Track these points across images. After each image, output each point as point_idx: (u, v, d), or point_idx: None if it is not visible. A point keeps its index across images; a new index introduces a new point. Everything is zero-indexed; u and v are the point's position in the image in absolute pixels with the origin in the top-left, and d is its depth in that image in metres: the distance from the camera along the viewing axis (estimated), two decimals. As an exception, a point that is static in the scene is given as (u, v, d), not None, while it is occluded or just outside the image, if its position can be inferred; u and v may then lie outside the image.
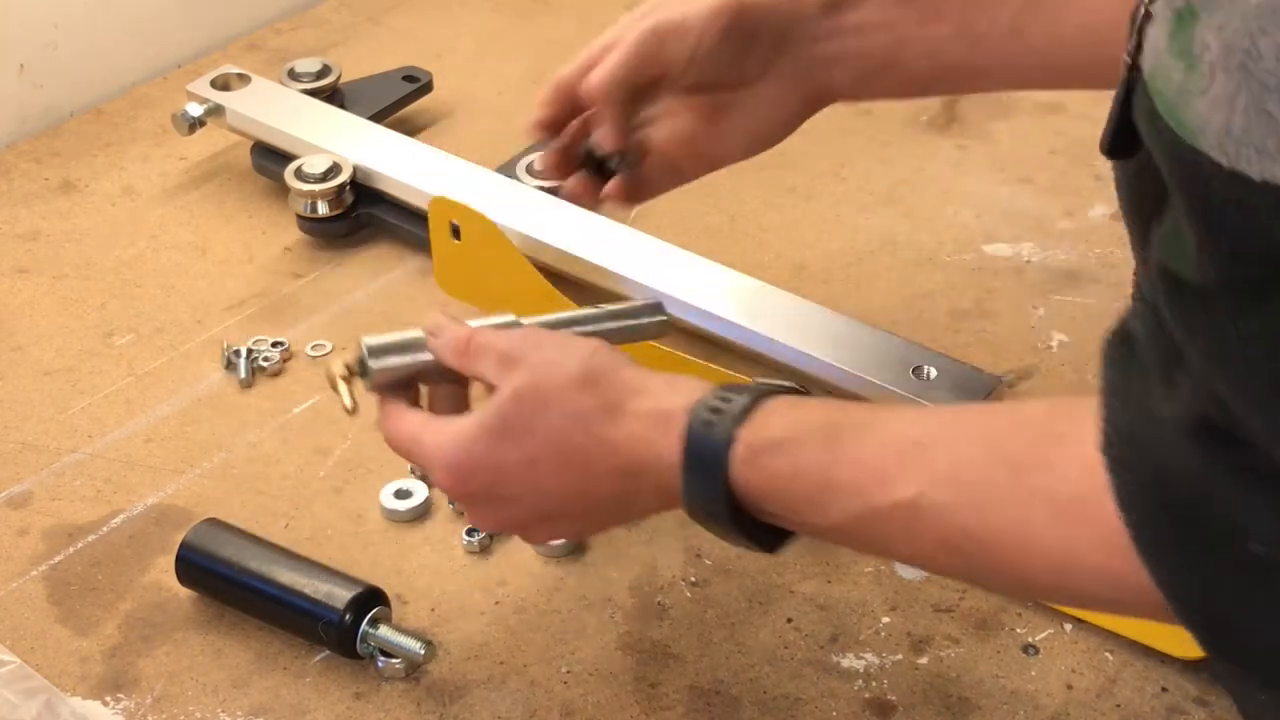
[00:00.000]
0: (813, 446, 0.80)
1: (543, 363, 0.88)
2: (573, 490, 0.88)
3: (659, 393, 0.86)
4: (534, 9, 1.69)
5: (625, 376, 0.87)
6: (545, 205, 1.30)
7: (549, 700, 0.98)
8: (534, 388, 0.87)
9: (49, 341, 1.27)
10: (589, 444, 0.86)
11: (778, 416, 0.82)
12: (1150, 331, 0.69)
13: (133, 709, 0.99)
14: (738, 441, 0.81)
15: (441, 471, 0.90)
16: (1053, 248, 1.32)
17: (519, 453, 0.87)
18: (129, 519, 1.12)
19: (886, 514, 0.77)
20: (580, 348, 0.89)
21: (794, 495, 0.81)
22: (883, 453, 0.78)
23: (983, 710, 0.97)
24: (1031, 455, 0.74)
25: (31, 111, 1.53)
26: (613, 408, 0.86)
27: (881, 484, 0.77)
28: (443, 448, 0.89)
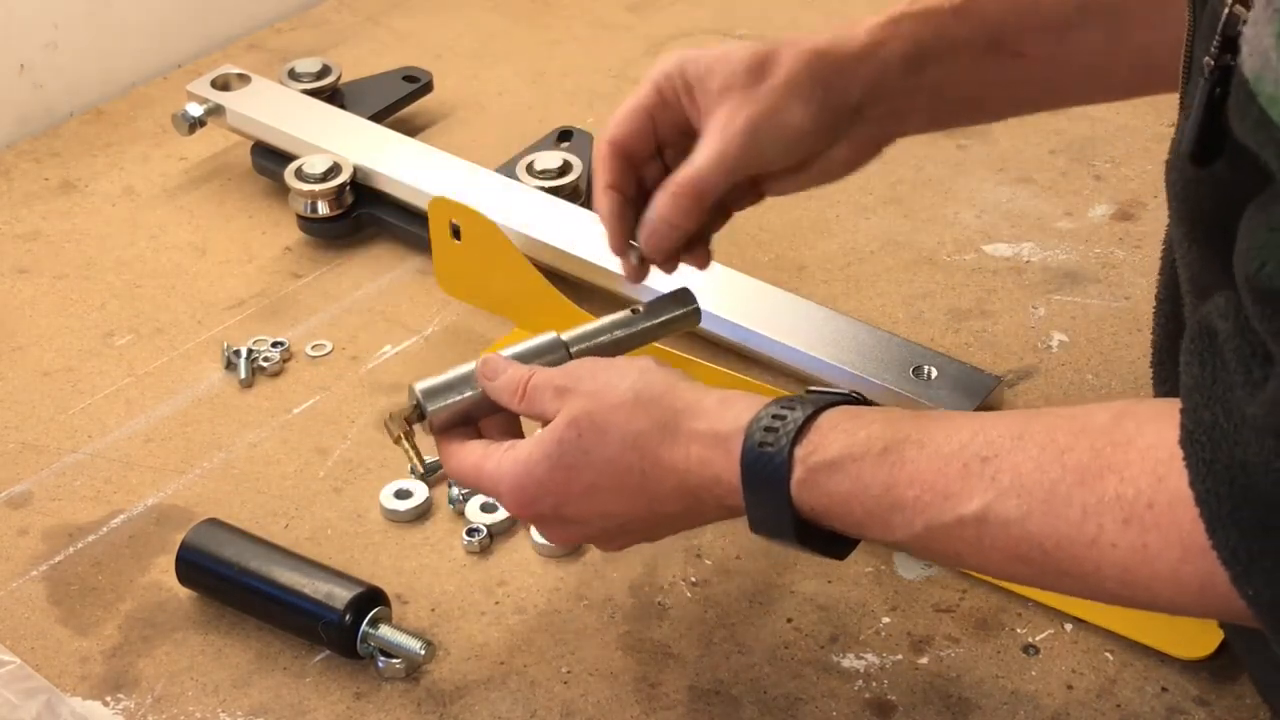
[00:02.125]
0: (872, 465, 0.80)
1: (596, 390, 0.89)
2: (637, 511, 0.90)
3: (713, 413, 0.86)
4: (534, 9, 1.69)
5: (679, 396, 0.88)
6: (545, 205, 1.30)
7: (549, 700, 0.98)
8: (589, 414, 0.88)
9: (49, 341, 1.27)
10: (646, 468, 0.88)
11: (835, 434, 0.82)
12: (1235, 328, 0.68)
13: (133, 709, 0.99)
14: (796, 463, 0.82)
15: (507, 498, 0.92)
16: (1053, 248, 1.32)
17: (580, 479, 0.89)
18: (129, 519, 1.12)
19: (953, 529, 0.77)
20: (631, 370, 0.90)
21: (857, 514, 0.81)
22: (945, 468, 0.78)
23: (983, 710, 0.97)
24: (1098, 462, 0.73)
25: (31, 111, 1.53)
26: (668, 430, 0.87)
27: (946, 499, 0.77)
28: (505, 476, 0.91)
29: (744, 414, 0.85)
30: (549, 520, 0.93)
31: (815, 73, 0.97)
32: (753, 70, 0.97)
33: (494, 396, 0.95)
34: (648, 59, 1.60)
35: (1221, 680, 0.98)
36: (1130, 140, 1.42)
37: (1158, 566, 0.71)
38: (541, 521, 0.94)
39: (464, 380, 0.97)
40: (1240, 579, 0.68)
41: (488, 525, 1.09)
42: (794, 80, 0.97)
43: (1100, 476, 0.73)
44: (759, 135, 0.97)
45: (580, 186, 1.35)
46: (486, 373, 0.96)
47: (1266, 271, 0.65)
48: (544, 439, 0.90)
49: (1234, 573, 0.68)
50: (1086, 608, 1.02)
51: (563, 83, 1.57)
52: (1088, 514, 0.73)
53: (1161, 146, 1.41)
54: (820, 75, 0.97)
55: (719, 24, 1.65)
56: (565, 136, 1.42)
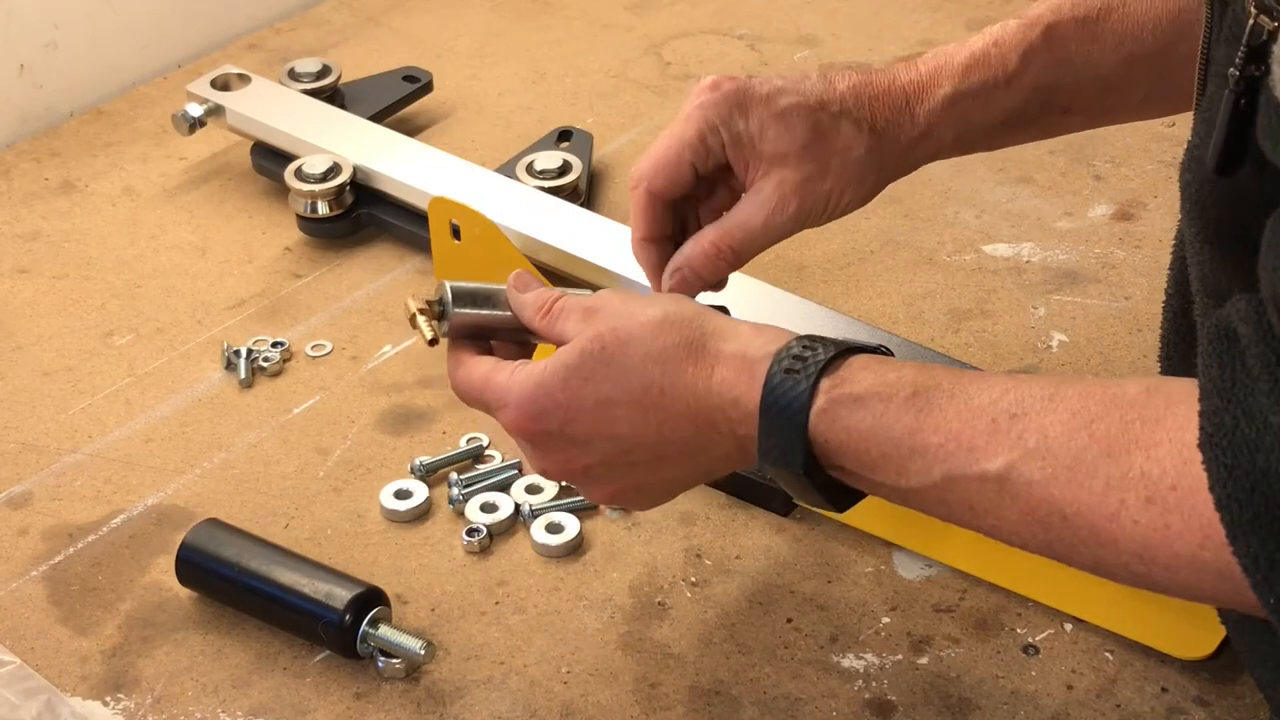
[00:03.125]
0: (899, 406, 0.79)
1: (625, 310, 0.87)
2: (646, 435, 0.86)
3: (744, 337, 0.85)
4: (534, 9, 1.69)
5: (710, 320, 0.86)
6: (545, 205, 1.30)
7: (549, 700, 0.98)
8: (614, 330, 0.86)
9: (49, 341, 1.27)
10: (666, 384, 0.85)
11: (865, 372, 0.81)
12: (1258, 333, 0.68)
13: (133, 709, 0.99)
14: (819, 393, 0.80)
15: (513, 408, 0.88)
16: (1053, 248, 1.32)
17: (595, 392, 0.86)
18: (129, 519, 1.12)
19: (972, 482, 0.76)
20: (663, 297, 0.89)
21: (873, 454, 0.80)
22: (973, 420, 0.77)
23: (983, 710, 0.97)
24: (1126, 435, 0.73)
25: (31, 111, 1.53)
26: (695, 346, 0.85)
27: (970, 452, 0.76)
28: (515, 387, 0.88)
29: (775, 341, 0.84)
30: (548, 440, 0.88)
31: (873, 154, 0.97)
32: (809, 147, 0.96)
33: (518, 310, 0.92)
34: (648, 59, 1.60)
35: (1221, 680, 0.98)
36: (1130, 140, 1.42)
37: (1178, 549, 0.71)
38: (540, 441, 0.89)
39: (493, 295, 0.94)
40: (1261, 586, 0.68)
41: (488, 525, 1.09)
42: (850, 164, 0.97)
43: (1128, 451, 0.72)
44: (809, 211, 0.97)
45: (580, 186, 1.35)
46: (517, 284, 0.93)
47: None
48: (564, 351, 0.87)
49: (1254, 580, 0.68)
50: (1086, 608, 1.02)
51: (563, 83, 1.57)
52: (1111, 486, 0.72)
53: (1161, 146, 1.42)
54: (877, 157, 0.98)
55: (719, 24, 1.65)
56: (565, 136, 1.43)
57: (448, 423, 1.18)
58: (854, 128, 0.97)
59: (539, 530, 1.08)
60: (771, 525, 1.09)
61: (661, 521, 1.10)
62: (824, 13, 1.66)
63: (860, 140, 0.97)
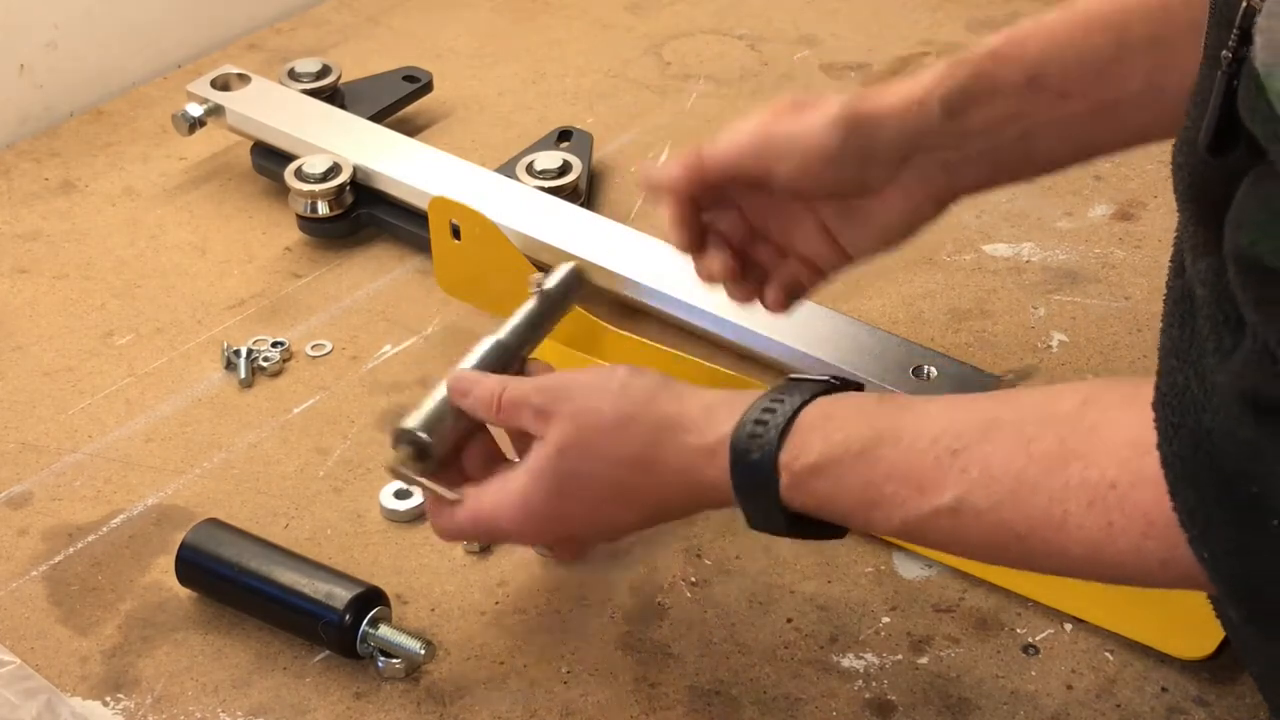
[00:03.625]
0: (850, 465, 0.83)
1: (577, 411, 0.91)
2: (645, 514, 0.93)
3: (698, 424, 0.89)
4: (534, 9, 1.69)
5: (660, 411, 0.90)
6: (545, 205, 1.30)
7: (549, 700, 0.98)
8: (575, 443, 0.91)
9: (49, 341, 1.27)
10: (643, 482, 0.91)
11: (814, 435, 0.85)
12: (1211, 294, 0.70)
13: (133, 709, 0.99)
14: (781, 469, 0.85)
15: (515, 537, 0.96)
16: (1053, 248, 1.32)
17: (580, 502, 0.92)
18: (129, 519, 1.12)
19: (928, 520, 0.81)
20: (610, 386, 0.92)
21: (840, 510, 0.85)
22: (919, 462, 0.81)
23: (983, 710, 0.97)
24: (1063, 449, 0.76)
25: (31, 111, 1.53)
26: (656, 448, 0.90)
27: (921, 493, 0.80)
28: (504, 515, 0.94)
29: (726, 421, 0.88)
30: (560, 543, 0.97)
31: (847, 107, 0.99)
32: (797, 104, 1.00)
33: (471, 412, 0.97)
34: (648, 59, 1.60)
35: (1221, 680, 0.98)
36: (1130, 140, 1.42)
37: (1121, 544, 0.74)
38: (554, 544, 0.98)
39: (444, 406, 0.98)
40: (1197, 541, 0.71)
41: (488, 525, 1.09)
42: (824, 112, 0.99)
43: (1066, 464, 0.75)
44: (772, 136, 0.99)
45: (580, 186, 1.35)
46: (457, 389, 0.98)
47: (1260, 249, 0.66)
48: (534, 470, 0.92)
49: (1191, 535, 0.71)
50: (1086, 608, 1.02)
51: (563, 83, 1.57)
52: (1054, 500, 0.76)
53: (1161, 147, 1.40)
54: (852, 110, 0.99)
55: (719, 24, 1.65)
56: (565, 136, 1.43)
57: (448, 423, 1.18)
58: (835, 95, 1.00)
59: (434, 528, 1.08)
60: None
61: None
62: (824, 13, 1.66)
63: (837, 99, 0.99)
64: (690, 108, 1.52)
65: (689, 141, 1.46)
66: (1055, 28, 0.99)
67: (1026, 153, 1.01)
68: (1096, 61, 0.98)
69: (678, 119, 1.51)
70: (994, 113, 0.99)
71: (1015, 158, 1.01)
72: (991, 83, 0.98)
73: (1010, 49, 0.99)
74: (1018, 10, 1.65)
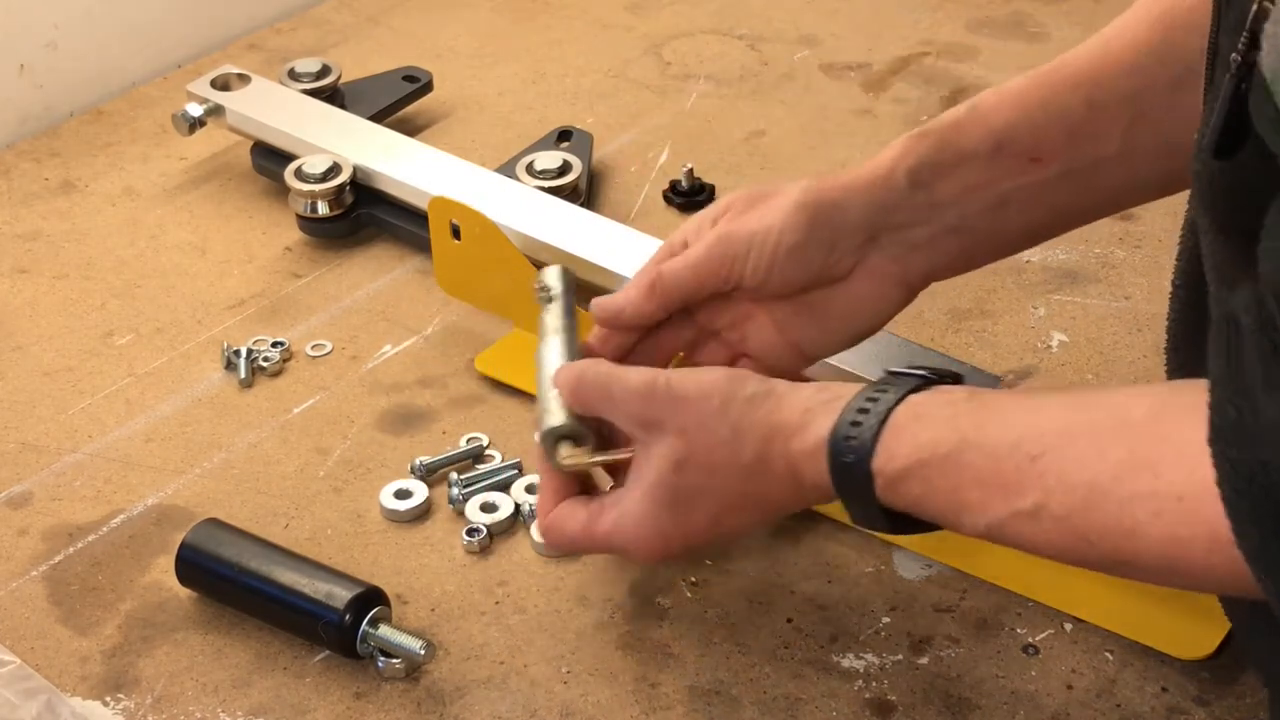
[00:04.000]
0: (938, 470, 0.84)
1: (689, 426, 0.91)
2: (762, 516, 0.95)
3: (797, 429, 0.89)
4: (534, 9, 1.69)
5: (765, 420, 0.90)
6: (545, 205, 1.30)
7: (549, 700, 0.98)
8: (691, 458, 0.92)
9: (49, 341, 1.27)
10: (757, 488, 0.91)
11: (904, 437, 0.85)
12: (1256, 323, 0.69)
13: (133, 709, 0.99)
14: (875, 473, 0.86)
15: (637, 555, 0.96)
16: (1053, 248, 1.32)
17: (699, 516, 0.93)
18: (129, 519, 1.12)
19: (1012, 523, 0.81)
20: (713, 398, 0.91)
21: (932, 513, 0.85)
22: (1000, 468, 0.81)
23: (983, 710, 0.97)
24: (1134, 458, 0.76)
25: (31, 111, 1.53)
26: (763, 456, 0.90)
27: (1005, 498, 0.81)
28: (628, 537, 0.94)
29: (824, 424, 0.88)
30: (684, 556, 1.00)
31: (808, 193, 0.99)
32: (750, 197, 1.01)
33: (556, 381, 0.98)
34: (648, 59, 1.60)
35: (1221, 680, 0.98)
36: (1130, 140, 1.42)
37: (1190, 555, 0.74)
38: (679, 559, 1.00)
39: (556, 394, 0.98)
40: (1264, 578, 0.70)
41: (488, 525, 1.09)
42: (783, 197, 0.99)
43: (1136, 472, 0.75)
44: (734, 240, 0.99)
45: (580, 186, 1.35)
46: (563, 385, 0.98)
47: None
48: (651, 489, 0.93)
49: (1256, 571, 0.70)
50: (1086, 608, 1.02)
51: (563, 83, 1.57)
52: (1124, 508, 0.76)
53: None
54: (814, 195, 0.98)
55: (719, 24, 1.65)
56: (565, 136, 1.43)
57: (448, 423, 1.18)
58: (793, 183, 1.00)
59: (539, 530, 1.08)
60: (771, 525, 1.09)
61: (661, 521, 1.10)
62: (824, 13, 1.66)
63: (798, 184, 0.99)
64: (690, 108, 1.52)
65: (689, 141, 1.47)
66: (1024, 90, 0.98)
67: (999, 224, 0.99)
68: (1067, 122, 0.96)
69: (678, 119, 1.51)
70: (962, 182, 0.97)
71: (987, 230, 0.99)
72: (958, 151, 0.97)
73: (976, 116, 0.98)
74: (1018, 10, 1.65)
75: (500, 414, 1.19)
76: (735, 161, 1.44)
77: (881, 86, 1.54)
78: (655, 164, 1.45)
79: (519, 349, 1.20)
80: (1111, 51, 0.96)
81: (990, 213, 0.99)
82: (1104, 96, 0.96)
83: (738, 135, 1.48)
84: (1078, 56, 0.97)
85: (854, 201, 0.98)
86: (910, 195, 0.98)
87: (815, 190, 0.98)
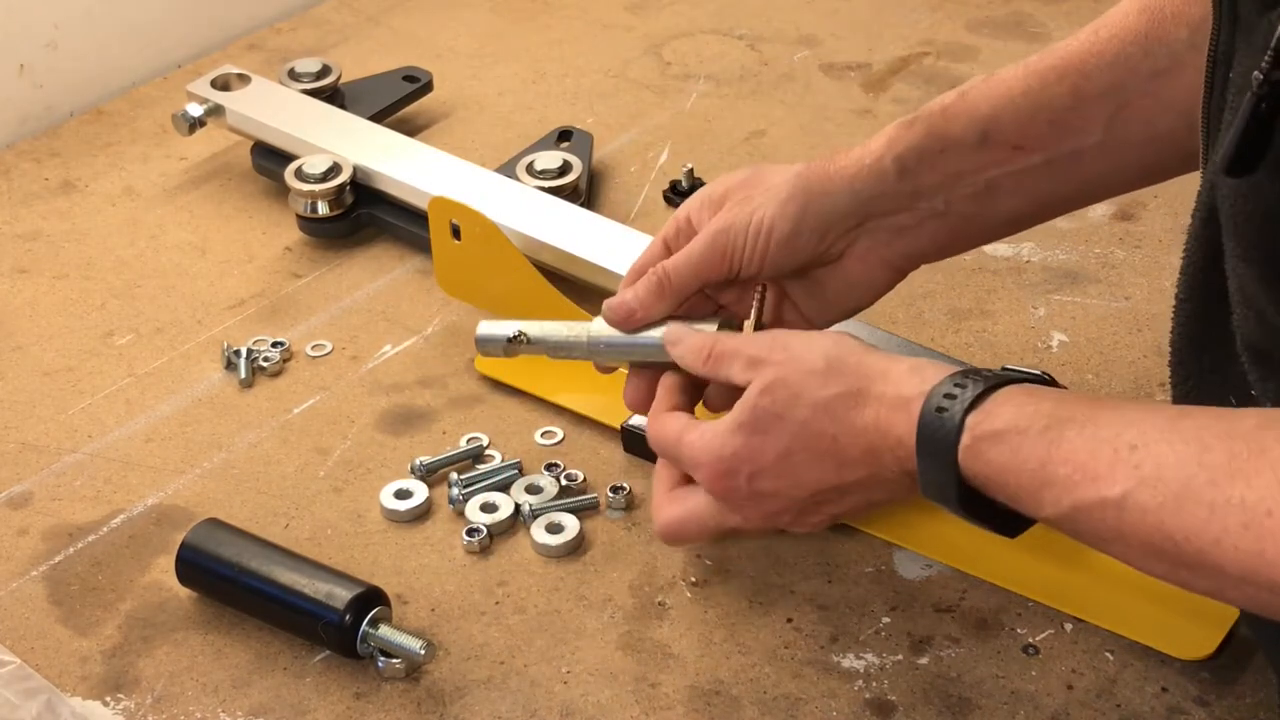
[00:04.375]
0: (1032, 440, 0.82)
1: (788, 359, 0.92)
2: (826, 478, 0.92)
3: (900, 378, 0.89)
4: (534, 9, 1.69)
5: (868, 362, 0.91)
6: (545, 205, 1.30)
7: (549, 700, 0.98)
8: (782, 382, 0.91)
9: (49, 341, 1.27)
10: (838, 431, 0.90)
11: (1007, 406, 0.84)
12: None
13: (133, 709, 0.99)
14: (965, 430, 0.84)
15: (705, 469, 0.95)
16: (1053, 248, 1.32)
17: (774, 445, 0.92)
18: (129, 519, 1.12)
19: (1095, 510, 0.79)
20: (823, 341, 0.93)
21: (1012, 485, 0.83)
22: (1097, 450, 0.80)
23: (983, 710, 0.97)
24: (1232, 465, 0.75)
25: (31, 111, 1.53)
26: (858, 394, 0.89)
27: (1093, 481, 0.79)
28: (703, 448, 0.94)
29: (930, 380, 0.87)
30: (743, 496, 0.94)
31: (800, 180, 1.00)
32: (747, 183, 1.02)
33: (681, 361, 0.99)
34: (648, 59, 1.60)
35: (1221, 680, 0.98)
36: (1130, 140, 1.42)
37: (1274, 575, 0.73)
38: (736, 498, 0.95)
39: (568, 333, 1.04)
40: None
41: (488, 525, 1.09)
42: (777, 186, 1.00)
43: (1231, 479, 0.74)
44: (731, 233, 1.00)
45: (580, 186, 1.35)
46: (671, 338, 1.00)
47: None
48: (739, 409, 0.93)
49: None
50: (1086, 608, 1.02)
51: (563, 83, 1.57)
52: (1214, 514, 0.74)
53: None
54: (804, 183, 1.00)
55: (719, 24, 1.65)
56: (565, 136, 1.43)
57: (448, 423, 1.18)
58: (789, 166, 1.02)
59: (539, 530, 1.08)
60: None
61: (661, 521, 1.10)
62: (824, 13, 1.66)
63: (788, 170, 1.01)
64: (690, 108, 1.52)
65: (689, 141, 1.47)
66: (1010, 81, 0.99)
67: (983, 210, 1.01)
68: (1052, 112, 0.98)
69: (678, 119, 1.51)
70: (948, 169, 0.99)
71: (972, 216, 1.01)
72: (944, 139, 0.99)
73: (962, 104, 0.99)
74: (1018, 10, 1.65)
75: (500, 414, 1.19)
76: (735, 161, 1.44)
77: (881, 86, 1.54)
78: (655, 164, 1.45)
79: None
80: (1099, 40, 0.97)
81: (976, 199, 1.00)
82: (1089, 87, 0.97)
83: (738, 135, 1.48)
84: (1067, 45, 0.99)
85: (842, 189, 1.00)
86: (898, 183, 1.00)
87: (805, 180, 1.00)
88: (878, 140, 1.00)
